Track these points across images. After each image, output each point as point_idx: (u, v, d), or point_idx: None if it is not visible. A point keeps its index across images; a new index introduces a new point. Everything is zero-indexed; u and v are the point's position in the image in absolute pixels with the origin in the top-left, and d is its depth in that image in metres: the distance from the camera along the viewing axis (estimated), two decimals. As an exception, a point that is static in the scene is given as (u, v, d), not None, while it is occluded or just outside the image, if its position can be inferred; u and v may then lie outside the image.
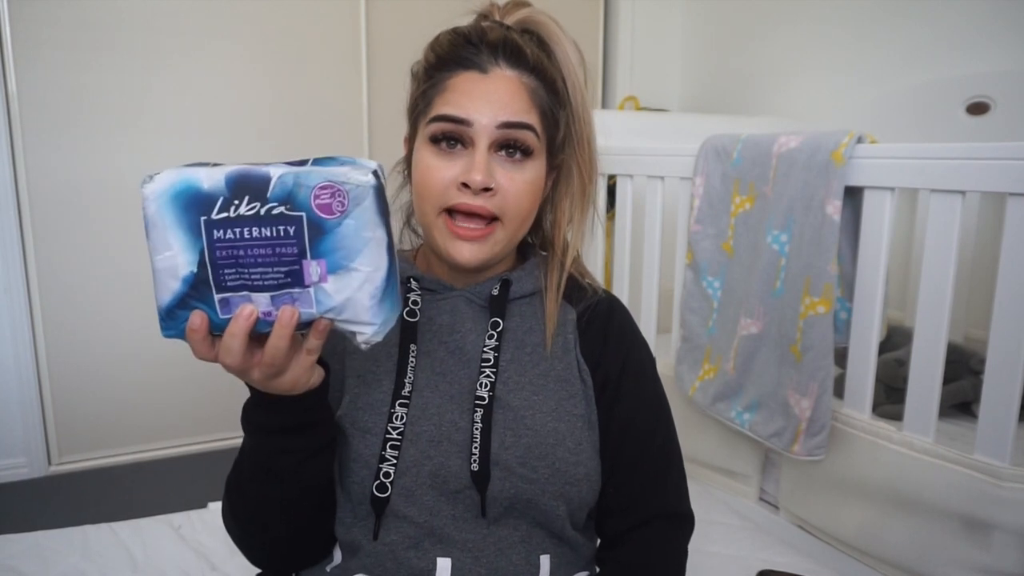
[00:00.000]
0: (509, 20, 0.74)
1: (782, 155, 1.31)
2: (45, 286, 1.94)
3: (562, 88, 0.74)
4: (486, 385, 0.71)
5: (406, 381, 0.71)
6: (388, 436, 0.69)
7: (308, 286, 0.53)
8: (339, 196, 0.52)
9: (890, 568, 1.21)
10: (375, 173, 0.53)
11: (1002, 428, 1.05)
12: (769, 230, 1.33)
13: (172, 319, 0.54)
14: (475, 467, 0.68)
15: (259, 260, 0.52)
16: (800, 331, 1.26)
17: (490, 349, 0.73)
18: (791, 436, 1.30)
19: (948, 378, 1.20)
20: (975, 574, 1.08)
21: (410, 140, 0.76)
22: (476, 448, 0.69)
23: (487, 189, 0.68)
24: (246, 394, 0.75)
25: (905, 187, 1.16)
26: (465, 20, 0.74)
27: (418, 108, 0.73)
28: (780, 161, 1.31)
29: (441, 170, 0.69)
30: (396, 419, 0.70)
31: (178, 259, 0.52)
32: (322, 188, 0.52)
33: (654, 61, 2.72)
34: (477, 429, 0.69)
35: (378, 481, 0.68)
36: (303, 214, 0.52)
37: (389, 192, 0.58)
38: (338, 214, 0.52)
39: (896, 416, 1.23)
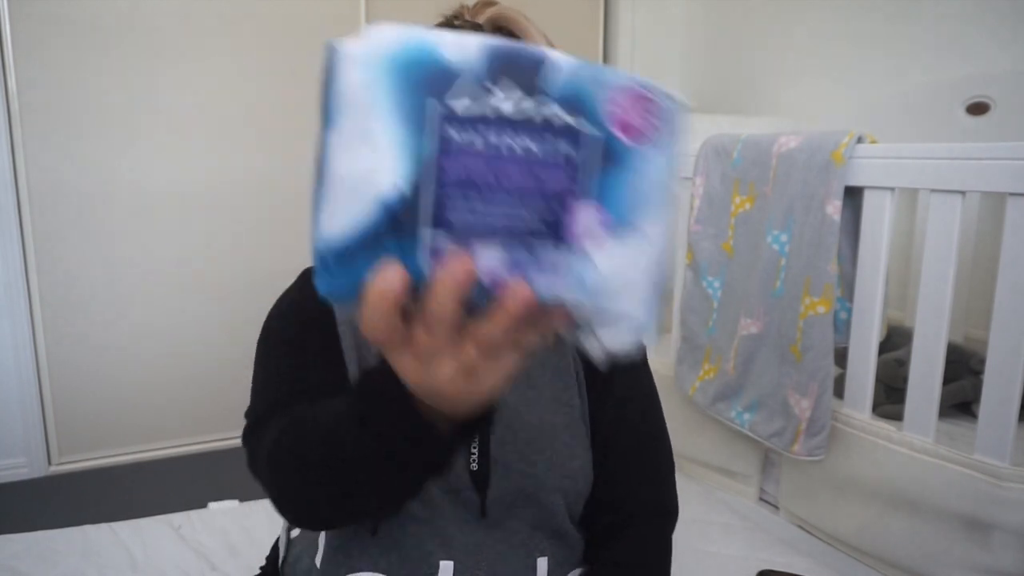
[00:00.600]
0: (479, 19, 0.74)
1: (782, 155, 1.31)
2: (45, 286, 1.94)
3: None
4: None
5: None
6: None
7: (571, 243, 0.35)
8: (650, 112, 0.35)
9: (890, 568, 1.21)
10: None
11: (1002, 428, 1.05)
12: (769, 230, 1.33)
13: (346, 266, 0.33)
14: (474, 467, 0.68)
15: (509, 187, 0.34)
16: (800, 331, 1.26)
17: None
18: (791, 436, 1.30)
19: (948, 378, 1.20)
20: (975, 574, 1.08)
21: None
22: (475, 448, 0.69)
23: None
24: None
25: (905, 187, 1.16)
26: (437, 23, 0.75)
27: None
28: (780, 161, 1.31)
29: None
30: None
31: (383, 166, 0.32)
32: (626, 93, 0.35)
33: (654, 61, 2.72)
34: None
35: None
36: (594, 127, 0.34)
37: None
38: (644, 138, 0.35)
39: (896, 416, 1.23)
